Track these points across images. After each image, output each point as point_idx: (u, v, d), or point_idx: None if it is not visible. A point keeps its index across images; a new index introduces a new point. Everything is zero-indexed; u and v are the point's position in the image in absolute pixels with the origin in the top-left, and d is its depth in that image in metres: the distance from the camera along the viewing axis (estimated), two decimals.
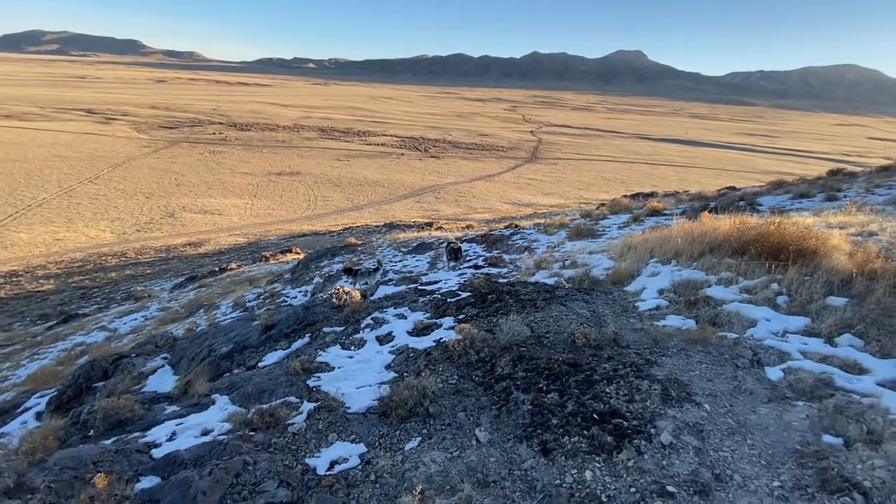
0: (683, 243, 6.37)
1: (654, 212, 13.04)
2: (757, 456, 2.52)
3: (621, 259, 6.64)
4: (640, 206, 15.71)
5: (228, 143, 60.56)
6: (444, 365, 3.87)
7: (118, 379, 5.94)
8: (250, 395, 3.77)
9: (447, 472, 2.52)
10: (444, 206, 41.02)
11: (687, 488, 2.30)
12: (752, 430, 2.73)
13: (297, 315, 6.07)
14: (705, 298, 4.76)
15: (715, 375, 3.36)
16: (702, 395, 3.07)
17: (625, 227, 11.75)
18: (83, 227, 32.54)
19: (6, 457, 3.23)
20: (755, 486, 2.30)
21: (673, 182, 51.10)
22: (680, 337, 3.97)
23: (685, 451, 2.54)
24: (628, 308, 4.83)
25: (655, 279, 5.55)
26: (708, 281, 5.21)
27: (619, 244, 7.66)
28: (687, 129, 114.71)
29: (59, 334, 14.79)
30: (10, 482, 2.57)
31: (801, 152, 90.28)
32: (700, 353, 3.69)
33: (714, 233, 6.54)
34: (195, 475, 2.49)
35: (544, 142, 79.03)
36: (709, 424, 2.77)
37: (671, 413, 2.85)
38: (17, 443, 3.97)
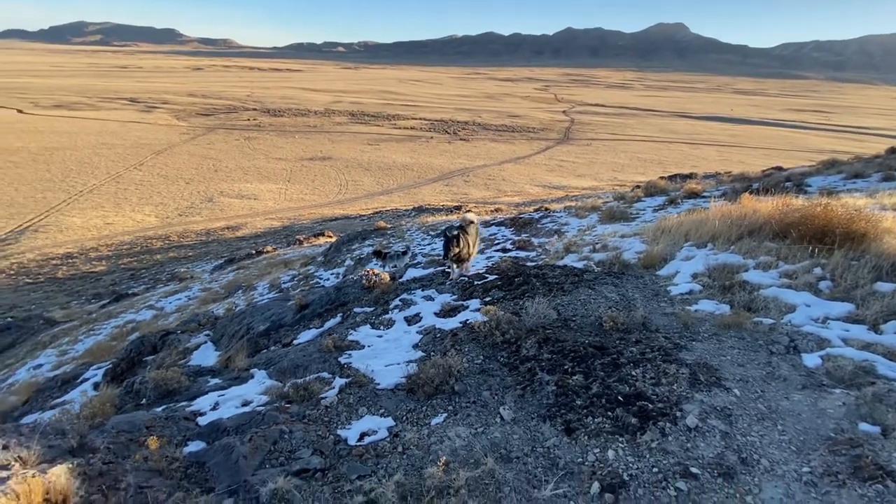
0: (721, 226, 6.14)
1: (691, 194, 12.56)
2: (787, 442, 2.47)
3: (654, 242, 6.48)
4: (677, 188, 15.14)
5: (262, 129, 61.99)
6: (470, 345, 3.95)
7: (166, 353, 6.35)
8: (286, 370, 3.97)
9: (471, 447, 2.61)
10: (473, 190, 40.80)
11: (711, 471, 2.29)
12: (784, 416, 2.68)
13: (330, 296, 6.28)
14: (741, 283, 4.61)
15: (747, 361, 3.28)
16: (732, 381, 3.02)
17: (660, 209, 11.39)
18: (130, 211, 34.35)
19: (69, 420, 3.56)
20: (783, 471, 2.27)
21: (714, 163, 48.80)
22: (712, 322, 3.88)
23: (711, 434, 2.53)
24: (659, 292, 4.74)
25: (689, 263, 5.41)
26: (745, 265, 5.03)
27: (652, 227, 7.47)
28: (731, 106, 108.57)
29: (111, 312, 15.85)
30: (74, 442, 2.84)
31: (858, 129, 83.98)
32: (733, 339, 3.60)
33: (754, 215, 6.27)
34: (237, 441, 2.68)
35: (577, 122, 76.78)
36: (738, 409, 2.73)
37: (699, 397, 2.82)
38: (78, 408, 4.35)
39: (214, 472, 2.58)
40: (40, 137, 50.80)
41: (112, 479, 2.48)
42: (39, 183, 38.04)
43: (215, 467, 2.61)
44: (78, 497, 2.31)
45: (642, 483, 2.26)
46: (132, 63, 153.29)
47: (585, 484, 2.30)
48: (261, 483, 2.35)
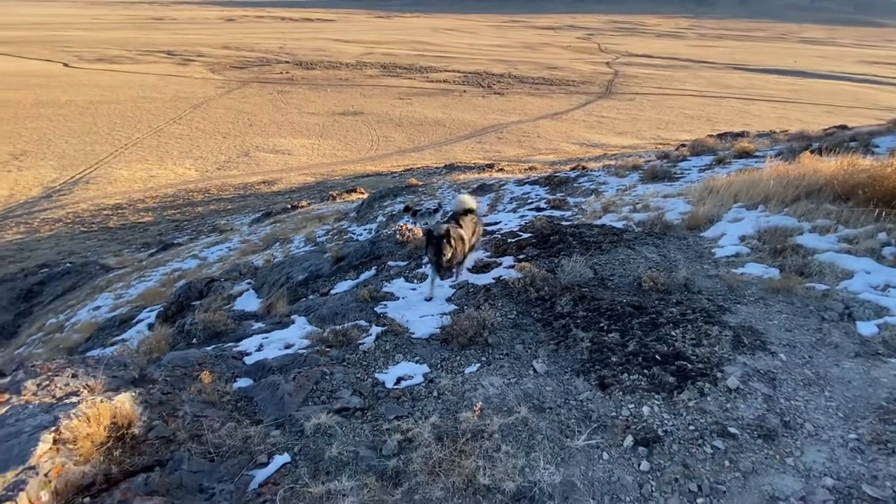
0: (775, 186, 5.75)
1: (743, 153, 11.75)
2: (834, 408, 2.39)
3: (700, 203, 6.16)
4: (726, 146, 14.20)
5: (295, 83, 61.62)
6: (504, 301, 3.95)
7: (211, 299, 6.71)
8: (325, 317, 4.12)
9: (504, 396, 2.66)
10: (506, 147, 39.70)
11: (751, 432, 2.26)
12: (832, 382, 2.58)
13: (365, 249, 6.38)
14: (794, 247, 4.35)
15: (796, 326, 3.14)
16: (778, 345, 2.91)
17: (707, 169, 10.76)
18: (172, 164, 35.50)
19: (129, 354, 3.85)
20: (828, 437, 2.21)
21: (769, 120, 45.23)
22: (760, 285, 3.71)
23: (753, 396, 2.47)
24: (703, 254, 4.55)
25: (738, 225, 5.13)
26: (800, 228, 4.73)
27: (698, 187, 7.09)
28: (795, 58, 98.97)
29: (159, 260, 16.79)
30: (135, 374, 3.08)
31: None
32: (781, 304, 3.44)
33: (814, 175, 5.83)
34: (282, 380, 2.83)
35: (621, 74, 72.19)
36: (783, 374, 2.65)
37: (741, 359, 2.74)
38: (136, 345, 4.70)
39: (262, 407, 2.76)
40: (86, 91, 52.43)
41: (170, 407, 2.69)
42: (87, 136, 39.66)
43: (262, 402, 2.79)
44: (141, 422, 2.52)
45: (678, 439, 2.26)
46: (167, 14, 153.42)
47: (619, 437, 2.32)
48: (305, 418, 2.50)
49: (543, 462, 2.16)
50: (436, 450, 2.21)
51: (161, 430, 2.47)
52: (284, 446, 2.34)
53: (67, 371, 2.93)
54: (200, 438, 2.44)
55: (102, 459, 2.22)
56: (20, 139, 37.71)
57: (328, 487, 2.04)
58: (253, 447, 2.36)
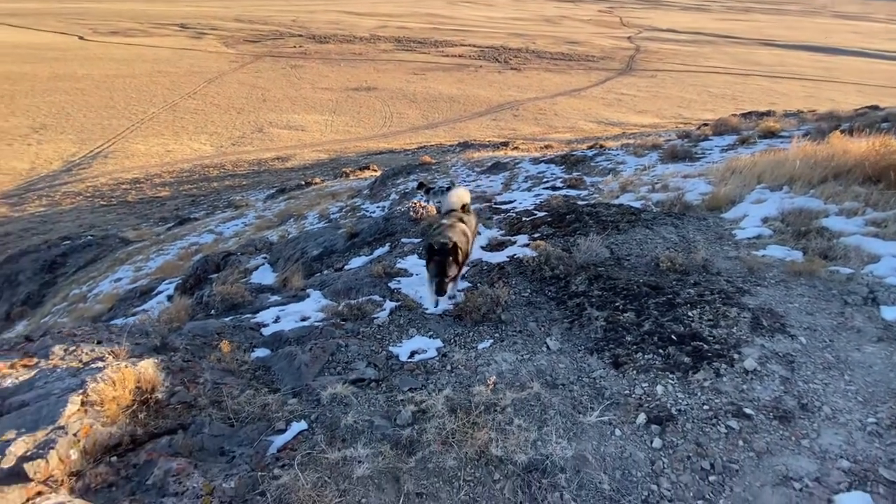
0: (802, 167, 5.57)
1: (768, 133, 11.33)
2: (854, 392, 2.36)
3: (721, 183, 6.00)
4: (751, 126, 13.71)
5: (308, 57, 60.89)
6: (518, 279, 3.94)
7: (228, 272, 6.82)
8: (339, 291, 4.16)
9: (517, 371, 2.68)
10: (521, 125, 38.97)
11: (766, 413, 2.24)
12: (853, 367, 2.53)
13: (378, 225, 6.39)
14: (819, 229, 4.23)
15: (817, 310, 3.08)
16: (798, 328, 2.86)
17: (730, 149, 10.44)
18: (187, 140, 35.71)
19: (151, 323, 3.96)
20: (846, 420, 2.18)
21: (798, 100, 43.47)
22: (781, 268, 3.63)
23: (770, 378, 2.44)
24: (723, 235, 4.45)
25: (760, 206, 4.99)
26: (826, 210, 4.58)
27: (720, 168, 6.90)
28: (827, 33, 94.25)
29: (177, 234, 17.09)
30: (157, 342, 3.17)
31: None
32: (803, 287, 3.37)
33: (843, 156, 5.62)
34: (298, 350, 2.89)
35: (642, 50, 69.71)
36: (801, 357, 2.61)
37: (759, 341, 2.71)
38: (157, 315, 4.82)
39: (279, 376, 2.82)
40: (101, 65, 52.58)
41: (192, 374, 2.77)
42: (104, 110, 39.98)
43: (279, 371, 2.85)
44: (164, 387, 2.60)
45: (691, 419, 2.26)
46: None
47: (631, 414, 2.33)
48: (321, 387, 2.55)
49: (556, 436, 2.18)
50: (449, 421, 2.25)
51: (183, 396, 2.55)
52: (301, 414, 2.40)
53: (93, 338, 3.03)
54: (220, 404, 2.52)
55: (128, 422, 2.31)
56: (39, 113, 38.21)
57: (344, 454, 2.09)
58: (271, 414, 2.43)
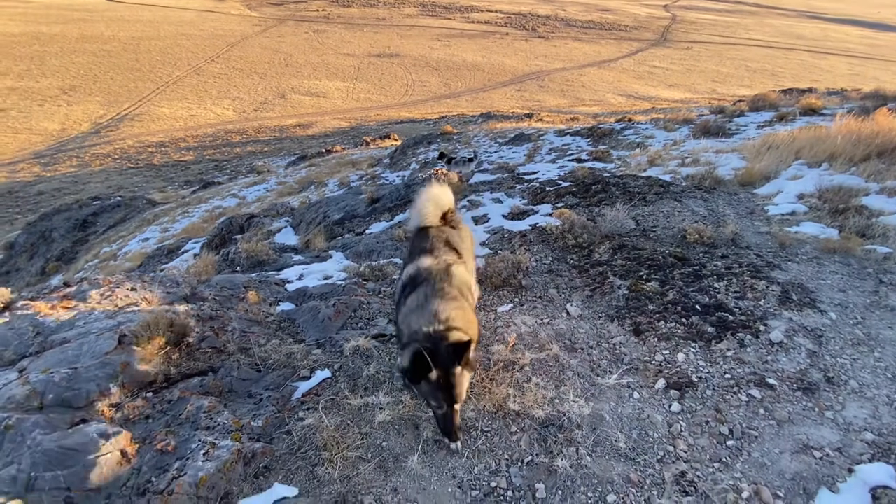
0: (843, 143, 5.30)
1: (808, 110, 10.76)
2: (883, 369, 2.30)
3: (756, 159, 5.77)
4: (791, 103, 13.03)
5: (331, 22, 59.80)
6: (539, 247, 3.91)
7: (252, 233, 6.96)
8: (361, 253, 4.21)
9: (537, 334, 2.69)
10: (547, 97, 37.88)
11: (790, 384, 2.21)
12: (884, 344, 2.47)
13: (399, 191, 6.38)
14: (858, 207, 4.05)
15: (850, 287, 2.98)
16: (828, 304, 2.78)
17: (766, 126, 9.97)
18: (211, 105, 35.88)
19: (181, 275, 4.08)
20: (872, 395, 2.15)
21: (842, 78, 40.99)
22: (814, 245, 3.51)
23: (796, 351, 2.40)
24: (755, 210, 4.31)
25: (796, 182, 4.80)
26: (867, 188, 4.38)
27: (756, 143, 6.62)
28: (879, 7, 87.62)
29: (201, 198, 17.43)
30: (187, 291, 3.28)
31: None
32: (836, 264, 3.26)
33: (889, 134, 5.33)
34: (322, 305, 2.96)
35: (679, 19, 66.19)
36: (830, 332, 2.55)
37: (787, 315, 2.65)
38: (185, 268, 4.97)
39: (303, 328, 2.90)
40: (127, 27, 52.68)
41: (220, 322, 2.87)
42: (131, 72, 40.30)
43: (304, 324, 2.93)
44: (195, 332, 2.71)
45: (712, 386, 2.25)
46: None
47: (650, 380, 2.33)
48: (344, 340, 2.62)
49: (573, 395, 2.20)
50: None
51: (212, 342, 2.65)
52: (325, 363, 2.48)
53: (126, 284, 3.15)
54: (248, 351, 2.61)
55: (162, 361, 2.42)
56: (68, 74, 38.76)
57: (366, 401, 2.16)
58: (296, 362, 2.51)
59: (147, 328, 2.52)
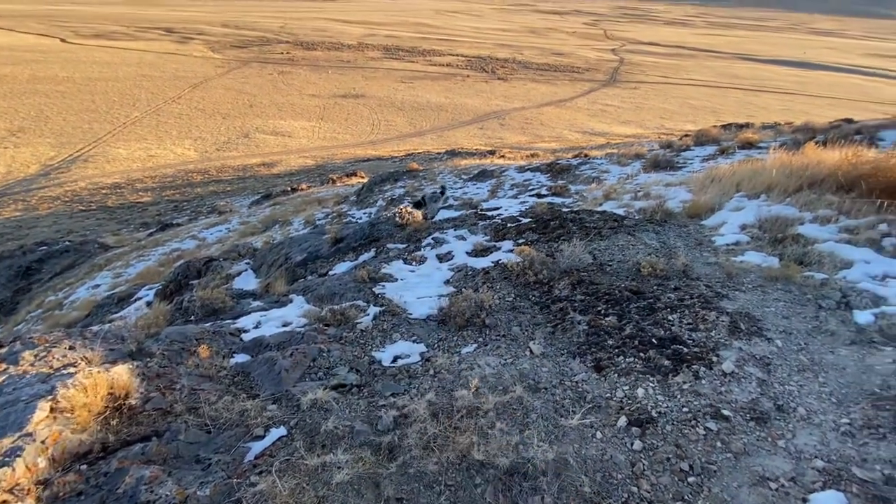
0: (778, 176, 5.72)
1: (746, 144, 11.65)
2: (828, 394, 2.41)
3: (701, 192, 6.13)
4: (730, 137, 14.08)
5: (296, 64, 60.78)
6: (502, 283, 3.95)
7: (210, 278, 6.71)
8: (323, 296, 4.12)
9: (500, 375, 2.67)
10: (508, 134, 39.38)
11: (744, 414, 2.27)
12: (827, 369, 2.59)
13: (364, 231, 6.36)
14: (795, 236, 4.34)
15: (793, 314, 3.15)
16: (774, 332, 2.92)
17: (710, 159, 10.69)
18: (171, 144, 35.20)
19: (128, 328, 3.85)
20: (820, 421, 2.23)
21: (775, 112, 44.80)
22: (758, 273, 3.71)
23: (747, 380, 2.48)
24: (703, 242, 4.54)
25: (739, 214, 5.11)
26: (801, 218, 4.71)
27: (700, 176, 7.05)
28: (804, 49, 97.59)
29: (158, 240, 16.76)
30: (133, 347, 3.09)
31: None
32: (779, 291, 3.44)
33: (817, 166, 5.79)
34: (279, 356, 2.84)
35: (626, 62, 71.25)
36: (777, 359, 2.66)
37: (737, 344, 2.75)
38: (134, 320, 4.70)
39: (258, 382, 2.77)
40: (83, 67, 51.68)
41: (168, 380, 2.70)
42: (85, 113, 39.23)
43: (259, 377, 2.80)
44: (138, 393, 2.53)
45: (671, 420, 2.28)
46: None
47: (612, 417, 2.34)
48: (301, 393, 2.51)
49: (537, 439, 2.18)
50: (431, 426, 2.23)
51: (158, 402, 2.49)
52: (281, 420, 2.36)
53: (65, 343, 2.94)
54: (197, 411, 2.46)
55: (99, 428, 2.24)
56: (17, 115, 37.30)
57: (323, 460, 2.05)
58: (249, 420, 2.38)
59: (84, 392, 2.34)
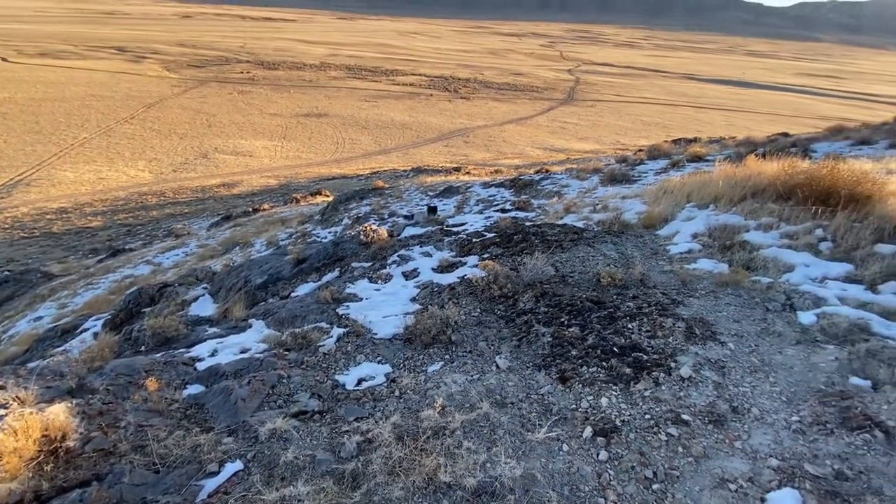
0: (724, 187, 6.05)
1: (695, 157, 12.34)
2: (778, 393, 2.51)
3: (655, 203, 6.40)
4: (680, 151, 14.90)
5: (256, 83, 59.97)
6: (468, 299, 3.95)
7: (164, 305, 6.37)
8: (284, 320, 3.98)
9: (467, 392, 2.64)
10: (472, 151, 40.06)
11: (702, 418, 2.34)
12: (776, 369, 2.71)
13: (327, 250, 6.24)
14: (741, 243, 4.58)
15: (743, 317, 3.30)
16: (727, 335, 3.04)
17: (662, 172, 11.23)
18: (123, 166, 33.70)
19: (68, 363, 3.58)
20: (772, 420, 2.32)
21: (719, 127, 47.79)
22: (710, 280, 3.88)
23: (704, 384, 2.56)
24: (658, 251, 4.72)
25: (690, 223, 5.36)
26: (746, 226, 4.98)
27: (654, 189, 7.37)
28: (743, 69, 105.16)
29: (109, 267, 15.84)
30: (73, 384, 2.87)
31: (867, 96, 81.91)
32: (730, 296, 3.61)
33: (759, 177, 6.17)
34: (235, 384, 2.71)
35: (582, 82, 74.46)
36: (731, 362, 2.76)
37: (693, 349, 2.84)
38: (77, 354, 4.39)
39: (213, 413, 2.62)
40: (27, 88, 49.02)
41: (112, 418, 2.51)
42: (28, 135, 37.06)
43: (214, 409, 2.65)
44: (78, 434, 2.34)
45: (634, 428, 2.31)
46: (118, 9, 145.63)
47: (578, 428, 2.35)
48: (259, 423, 2.39)
49: (504, 456, 2.15)
50: (396, 449, 2.16)
51: (100, 442, 2.30)
52: (237, 453, 2.23)
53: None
54: (145, 449, 2.29)
55: (32, 475, 2.04)
56: None
57: (282, 493, 1.95)
58: (203, 456, 2.24)
59: (14, 436, 2.13)
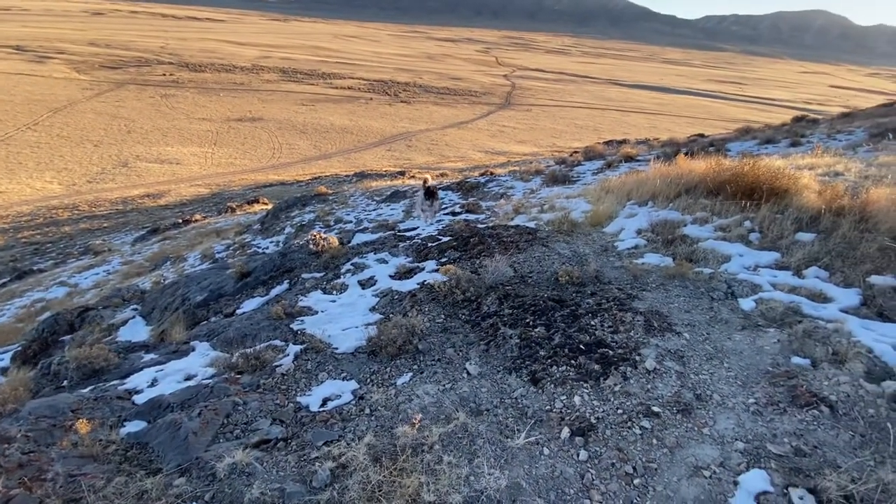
0: (660, 185, 6.42)
1: (627, 158, 13.11)
2: (733, 377, 2.67)
3: (599, 202, 6.67)
4: (613, 152, 15.78)
5: (181, 86, 56.09)
6: (430, 305, 3.87)
7: (86, 331, 5.71)
8: (232, 340, 3.68)
9: (441, 403, 2.56)
10: (416, 155, 40.01)
11: (671, 408, 2.42)
12: (728, 354, 2.88)
13: (274, 262, 5.89)
14: (682, 237, 4.87)
15: (692, 307, 3.49)
16: (681, 325, 3.19)
17: (599, 172, 11.79)
18: (27, 178, 30.15)
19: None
20: (732, 404, 2.45)
21: (644, 130, 51.29)
22: (658, 273, 4.08)
23: (668, 375, 2.66)
24: (608, 248, 4.90)
25: (633, 220, 5.63)
26: (684, 220, 5.31)
27: (595, 188, 7.69)
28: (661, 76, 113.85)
29: (14, 291, 14.02)
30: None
31: (766, 100, 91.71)
32: (678, 288, 3.81)
33: (690, 175, 6.61)
34: (184, 417, 2.43)
35: (518, 87, 76.95)
36: (689, 351, 2.90)
37: (654, 342, 2.96)
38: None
39: (160, 452, 2.34)
40: None
41: (35, 469, 2.16)
42: None
43: (160, 447, 2.36)
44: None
45: (609, 425, 2.34)
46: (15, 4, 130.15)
47: (556, 430, 2.35)
48: (216, 458, 2.16)
49: (487, 467, 2.09)
50: (374, 472, 2.03)
51: (23, 501, 1.97)
52: (192, 496, 1.99)
53: None
54: (79, 503, 1.99)
55: None
56: None
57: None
58: (151, 503, 1.97)
59: None
